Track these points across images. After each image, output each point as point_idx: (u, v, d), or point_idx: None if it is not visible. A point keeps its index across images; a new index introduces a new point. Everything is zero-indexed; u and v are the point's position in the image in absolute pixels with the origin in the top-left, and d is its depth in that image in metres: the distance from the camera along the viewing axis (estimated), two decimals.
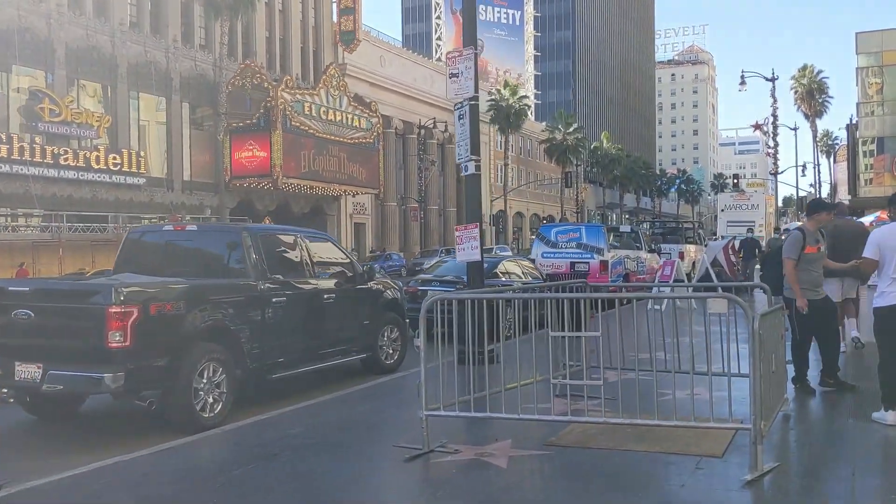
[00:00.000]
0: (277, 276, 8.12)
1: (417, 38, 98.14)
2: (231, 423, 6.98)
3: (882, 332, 6.37)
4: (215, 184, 39.58)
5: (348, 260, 9.60)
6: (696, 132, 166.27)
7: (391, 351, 10.08)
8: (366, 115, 47.91)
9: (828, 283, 7.92)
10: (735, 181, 59.90)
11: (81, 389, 6.43)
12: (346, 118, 45.92)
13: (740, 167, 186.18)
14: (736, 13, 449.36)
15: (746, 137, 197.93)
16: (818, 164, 72.03)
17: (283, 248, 8.62)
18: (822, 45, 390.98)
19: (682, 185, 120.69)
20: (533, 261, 19.04)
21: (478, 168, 9.75)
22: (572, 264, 18.44)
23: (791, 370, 7.37)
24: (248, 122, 40.64)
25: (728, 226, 41.77)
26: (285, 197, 45.08)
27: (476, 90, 9.75)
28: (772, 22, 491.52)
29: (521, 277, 14.96)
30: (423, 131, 57.09)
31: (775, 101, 43.98)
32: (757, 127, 48.47)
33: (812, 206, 8.04)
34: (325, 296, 8.83)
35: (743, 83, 43.66)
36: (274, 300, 7.94)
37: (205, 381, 7.04)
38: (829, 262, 7.76)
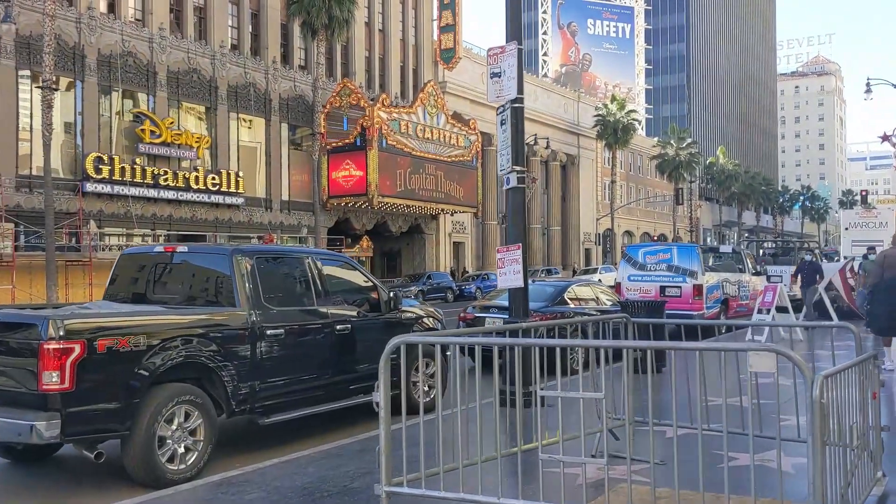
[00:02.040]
0: (275, 305, 7.11)
1: (525, 55, 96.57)
2: (204, 476, 6.01)
3: None
4: (313, 203, 39.58)
5: (371, 284, 8.50)
6: (822, 146, 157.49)
7: (426, 388, 8.91)
8: (464, 132, 47.15)
9: None
10: (863, 196, 55.52)
11: (12, 438, 5.58)
12: (444, 136, 45.27)
13: (872, 183, 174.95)
14: (866, 19, 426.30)
15: (879, 152, 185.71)
16: None
17: (286, 273, 7.62)
18: None
19: (807, 203, 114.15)
20: (619, 284, 17.53)
21: (521, 181, 8.51)
22: (662, 288, 16.78)
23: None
24: (344, 141, 40.58)
25: (853, 245, 38.43)
26: (383, 216, 44.84)
27: (520, 91, 8.52)
28: None
29: (597, 303, 13.49)
30: (525, 148, 55.83)
31: None
32: (886, 138, 44.55)
33: None
34: (339, 327, 7.75)
35: (868, 91, 40.18)
36: (269, 333, 6.93)
37: (174, 427, 6.09)
38: None
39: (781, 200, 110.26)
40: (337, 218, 42.52)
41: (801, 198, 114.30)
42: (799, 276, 17.25)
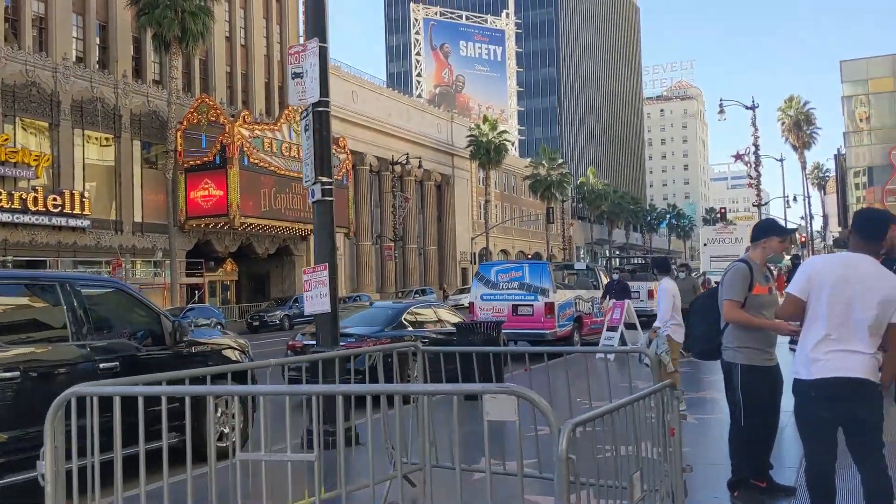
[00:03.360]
0: (6, 343, 5.90)
1: (401, 77, 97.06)
2: None
3: (807, 420, 4.30)
4: (168, 224, 37.37)
5: (152, 314, 7.36)
6: (686, 167, 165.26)
7: (227, 430, 7.83)
8: (333, 150, 45.91)
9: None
10: (721, 214, 57.99)
11: None
12: None
13: (733, 201, 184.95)
14: (723, 48, 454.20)
15: (738, 171, 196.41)
16: (808, 196, 70.22)
17: (27, 303, 6.40)
18: (809, 76, 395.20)
19: (673, 220, 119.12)
20: (472, 304, 16.92)
21: (328, 193, 7.60)
22: (514, 307, 16.26)
23: (697, 474, 5.15)
24: (203, 159, 38.70)
25: (711, 260, 39.86)
26: (247, 237, 43.02)
27: (325, 93, 7.65)
28: (759, 55, 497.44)
29: (440, 325, 12.74)
30: (398, 167, 55.30)
31: (756, 129, 42.25)
32: (738, 157, 46.62)
33: (760, 230, 5.46)
34: (105, 365, 6.58)
35: (721, 111, 41.97)
36: None
37: None
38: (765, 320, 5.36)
39: (649, 218, 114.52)
40: (197, 240, 40.43)
41: (668, 216, 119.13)
42: (607, 297, 15.88)
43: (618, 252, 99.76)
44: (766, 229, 5.43)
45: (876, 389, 4.16)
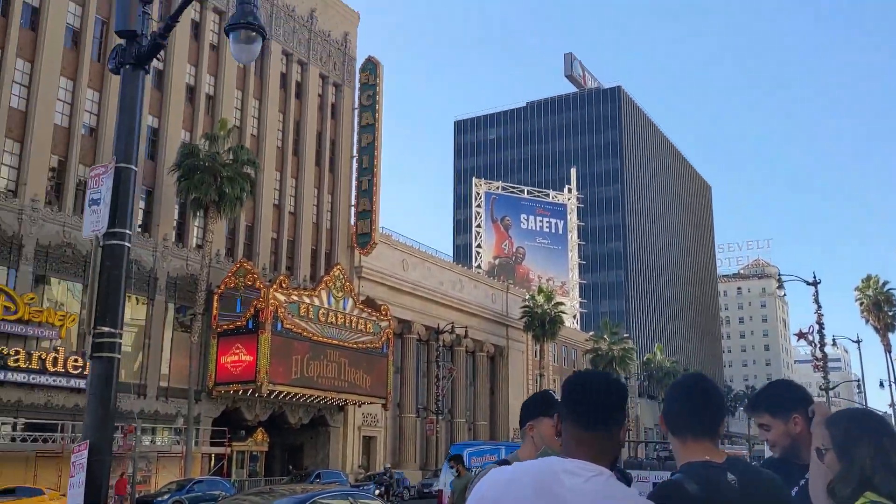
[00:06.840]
0: None
1: (466, 249, 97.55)
2: None
3: None
4: (189, 390, 36.07)
5: None
6: (767, 347, 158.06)
7: None
8: (374, 317, 44.90)
9: None
10: None
11: None
12: (350, 321, 42.93)
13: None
14: (801, 228, 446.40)
15: (829, 354, 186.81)
16: (894, 383, 64.69)
17: None
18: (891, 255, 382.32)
19: None
20: (440, 492, 14.51)
21: (108, 348, 5.89)
22: None
23: None
24: (236, 324, 37.99)
25: None
26: (280, 405, 41.38)
27: (123, 224, 6.12)
28: (841, 232, 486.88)
29: None
30: (446, 336, 53.68)
31: (819, 307, 39.19)
32: (801, 336, 43.21)
33: (529, 408, 3.28)
34: None
35: (780, 287, 39.34)
36: None
37: None
38: None
39: (725, 400, 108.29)
40: (225, 407, 39.02)
41: (745, 399, 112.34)
42: None
43: None
44: (537, 405, 3.30)
45: None
